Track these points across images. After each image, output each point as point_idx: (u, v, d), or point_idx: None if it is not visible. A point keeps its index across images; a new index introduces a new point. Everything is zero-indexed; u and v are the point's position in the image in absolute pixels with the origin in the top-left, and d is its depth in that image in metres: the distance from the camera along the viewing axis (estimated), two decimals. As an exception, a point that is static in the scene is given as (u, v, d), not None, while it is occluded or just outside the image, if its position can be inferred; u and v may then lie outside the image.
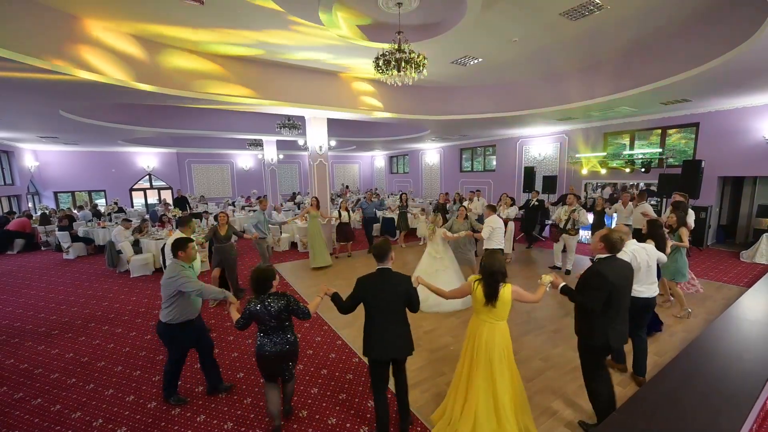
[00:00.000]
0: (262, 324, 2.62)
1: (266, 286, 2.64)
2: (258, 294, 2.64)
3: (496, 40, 6.11)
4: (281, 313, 2.61)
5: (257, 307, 2.60)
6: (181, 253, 3.07)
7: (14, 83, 5.39)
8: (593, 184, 10.76)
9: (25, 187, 13.44)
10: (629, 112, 8.62)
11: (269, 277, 2.66)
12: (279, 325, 2.63)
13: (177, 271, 2.96)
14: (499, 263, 2.45)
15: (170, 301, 2.97)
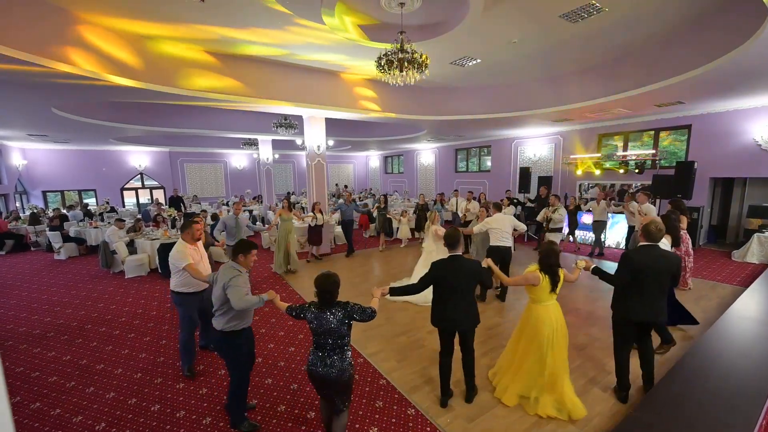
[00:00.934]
0: (315, 335, 2.32)
1: (330, 296, 2.28)
2: (321, 303, 2.31)
3: (495, 42, 6.15)
4: (341, 326, 2.26)
5: (313, 317, 2.28)
6: (242, 257, 2.76)
7: (5, 79, 5.26)
8: (586, 184, 10.89)
9: (13, 186, 13.10)
10: (623, 113, 8.75)
11: (336, 283, 2.29)
12: (334, 344, 2.27)
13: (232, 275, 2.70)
14: (555, 254, 2.86)
15: (226, 306, 2.70)
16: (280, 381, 3.50)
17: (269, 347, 4.18)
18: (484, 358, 3.77)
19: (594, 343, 4.15)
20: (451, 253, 2.95)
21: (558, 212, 6.94)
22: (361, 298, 4.67)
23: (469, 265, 2.90)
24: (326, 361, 2.26)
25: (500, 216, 5.42)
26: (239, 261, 2.75)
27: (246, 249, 2.76)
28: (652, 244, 2.88)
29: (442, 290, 2.90)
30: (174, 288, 3.51)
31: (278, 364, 3.82)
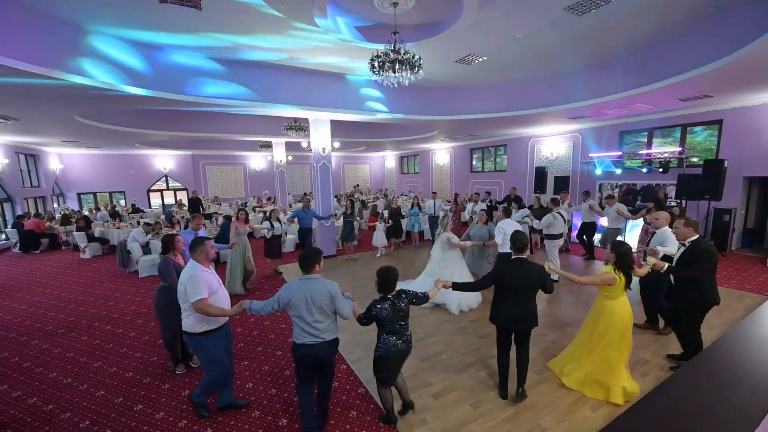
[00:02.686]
0: (389, 324, 2.66)
1: (394, 285, 2.71)
2: (386, 291, 2.69)
3: (499, 38, 5.92)
4: (408, 308, 2.74)
5: (386, 307, 2.64)
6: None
7: (26, 92, 5.63)
8: (612, 184, 10.26)
9: (50, 189, 14.10)
10: (644, 109, 8.19)
11: (396, 275, 2.72)
12: (405, 324, 2.74)
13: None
14: (631, 255, 3.10)
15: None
16: (260, 385, 3.52)
17: (257, 350, 4.22)
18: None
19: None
20: (517, 256, 3.09)
21: (553, 214, 6.41)
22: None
23: (534, 269, 3.03)
24: (404, 339, 2.72)
25: (510, 221, 5.20)
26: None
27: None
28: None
29: (504, 290, 3.06)
30: (189, 329, 2.83)
31: (263, 368, 3.84)
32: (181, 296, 2.79)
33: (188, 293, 2.70)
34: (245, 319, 5.08)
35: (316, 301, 2.56)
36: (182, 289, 2.75)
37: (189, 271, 2.78)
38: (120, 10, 4.77)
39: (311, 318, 2.57)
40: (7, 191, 11.45)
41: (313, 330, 2.59)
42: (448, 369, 3.71)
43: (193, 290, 2.69)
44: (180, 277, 2.84)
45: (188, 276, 2.75)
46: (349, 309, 2.69)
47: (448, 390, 3.38)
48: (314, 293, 2.57)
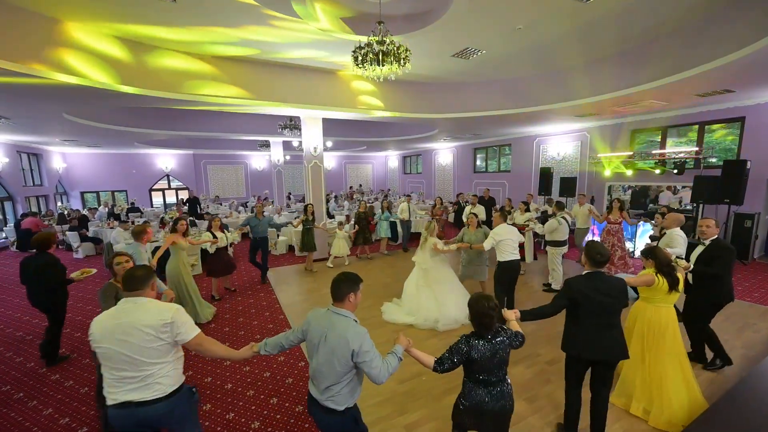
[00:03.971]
0: (481, 371, 2.03)
1: (491, 322, 2.01)
2: (483, 331, 2.03)
3: (497, 29, 5.50)
4: (507, 353, 2.07)
5: (486, 347, 1.99)
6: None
7: (9, 88, 5.45)
8: (623, 186, 9.68)
9: (53, 188, 14.17)
10: (657, 105, 7.64)
11: (493, 308, 2.01)
12: (503, 373, 2.09)
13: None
14: (669, 258, 2.94)
15: None
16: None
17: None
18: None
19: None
20: (595, 269, 2.56)
21: (557, 219, 5.97)
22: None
23: (617, 284, 2.54)
24: (502, 395, 2.07)
25: (506, 226, 4.74)
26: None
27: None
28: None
29: (583, 311, 2.50)
30: (170, 387, 1.94)
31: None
32: (150, 341, 1.83)
33: (181, 330, 1.90)
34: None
35: (329, 343, 1.89)
36: (159, 331, 1.85)
37: (161, 306, 1.96)
38: (97, 4, 4.53)
39: (316, 362, 1.95)
40: (8, 190, 11.49)
41: (315, 382, 1.98)
42: (428, 394, 3.33)
43: (186, 322, 1.93)
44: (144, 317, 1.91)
45: (171, 308, 1.94)
46: (385, 372, 1.91)
47: (424, 420, 3.00)
48: (333, 333, 1.91)
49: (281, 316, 5.26)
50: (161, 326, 1.83)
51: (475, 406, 2.04)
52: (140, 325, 1.81)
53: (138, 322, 1.81)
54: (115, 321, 1.83)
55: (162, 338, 1.84)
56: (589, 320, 2.49)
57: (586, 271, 2.58)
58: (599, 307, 2.46)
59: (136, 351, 1.79)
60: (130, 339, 1.79)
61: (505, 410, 2.08)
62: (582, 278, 2.56)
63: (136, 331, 1.80)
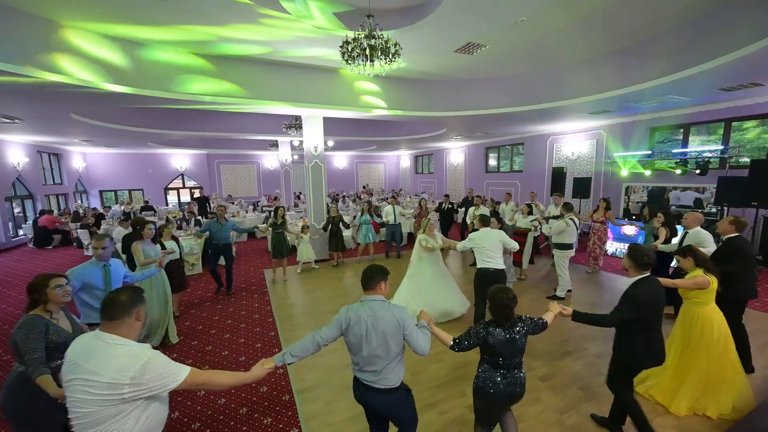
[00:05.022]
0: (499, 356, 2.17)
1: (512, 312, 2.17)
2: (502, 320, 2.18)
3: (498, 22, 5.22)
4: (524, 341, 2.20)
5: (503, 335, 2.14)
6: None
7: (16, 90, 5.59)
8: (645, 187, 9.09)
9: (73, 187, 14.73)
10: (678, 101, 7.11)
11: (516, 298, 2.18)
12: (519, 361, 2.23)
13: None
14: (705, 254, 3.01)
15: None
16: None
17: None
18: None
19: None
20: (645, 273, 2.49)
21: (565, 220, 5.64)
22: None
23: (661, 285, 2.54)
24: (515, 380, 2.20)
25: (486, 231, 4.42)
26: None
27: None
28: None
29: (647, 320, 2.43)
30: None
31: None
32: (121, 391, 1.41)
33: (163, 378, 1.48)
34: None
35: (378, 327, 2.00)
36: (136, 380, 1.42)
37: (134, 351, 1.50)
38: (88, 3, 4.56)
39: (368, 350, 2.02)
40: (28, 188, 11.99)
41: (369, 369, 2.06)
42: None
43: (169, 370, 1.52)
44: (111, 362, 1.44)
45: (141, 357, 1.47)
46: (427, 342, 2.08)
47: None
48: (378, 318, 2.02)
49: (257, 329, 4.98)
50: (120, 383, 1.39)
51: (483, 385, 2.19)
52: (92, 377, 1.40)
53: (93, 369, 1.41)
54: (78, 357, 1.47)
55: (121, 396, 1.40)
56: (651, 329, 2.44)
57: (637, 277, 2.48)
58: (658, 312, 2.44)
59: (89, 404, 1.40)
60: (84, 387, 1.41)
61: (515, 395, 2.21)
62: (642, 285, 2.44)
63: (89, 381, 1.41)
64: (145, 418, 1.48)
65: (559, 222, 5.61)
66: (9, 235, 10.90)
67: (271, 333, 4.70)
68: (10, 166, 10.97)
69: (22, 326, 2.01)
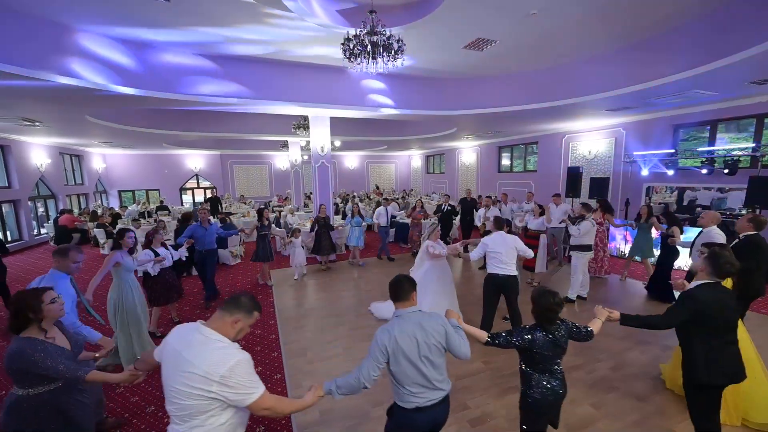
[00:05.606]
0: (542, 362, 2.10)
1: (555, 317, 2.09)
2: (546, 324, 2.10)
3: (509, 16, 5.01)
4: (566, 345, 2.14)
5: (546, 341, 2.06)
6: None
7: (30, 93, 5.73)
8: (670, 188, 8.63)
9: (93, 187, 15.21)
10: (704, 97, 6.68)
11: (559, 303, 2.06)
12: (559, 364, 2.17)
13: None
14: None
15: None
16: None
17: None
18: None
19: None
20: (716, 280, 2.28)
21: (590, 221, 5.41)
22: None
23: (733, 294, 2.35)
24: (560, 379, 2.13)
25: (500, 235, 4.22)
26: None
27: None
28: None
29: (710, 329, 2.21)
30: None
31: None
32: (195, 401, 1.46)
33: (244, 387, 1.51)
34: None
35: (431, 340, 1.86)
36: (224, 379, 1.46)
37: (228, 349, 1.55)
38: (95, 6, 4.61)
39: (428, 367, 1.86)
40: (51, 189, 12.43)
41: (431, 384, 1.88)
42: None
43: (251, 380, 1.54)
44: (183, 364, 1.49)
45: (233, 356, 1.52)
46: (468, 344, 2.00)
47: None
48: (426, 331, 1.87)
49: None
50: (211, 380, 1.45)
51: (543, 396, 2.07)
52: (189, 367, 1.46)
53: (191, 360, 1.47)
54: (179, 345, 1.54)
55: (210, 393, 1.46)
56: (717, 339, 2.21)
57: (705, 281, 2.27)
58: (727, 322, 2.24)
59: (185, 396, 1.46)
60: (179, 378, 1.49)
61: (565, 393, 2.14)
62: (707, 289, 2.23)
63: (186, 373, 1.47)
64: (236, 417, 1.58)
65: (585, 222, 5.36)
66: (32, 233, 11.33)
67: (272, 335, 4.64)
68: (34, 167, 11.39)
69: (22, 353, 1.83)
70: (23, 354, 1.84)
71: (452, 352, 1.94)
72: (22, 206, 10.76)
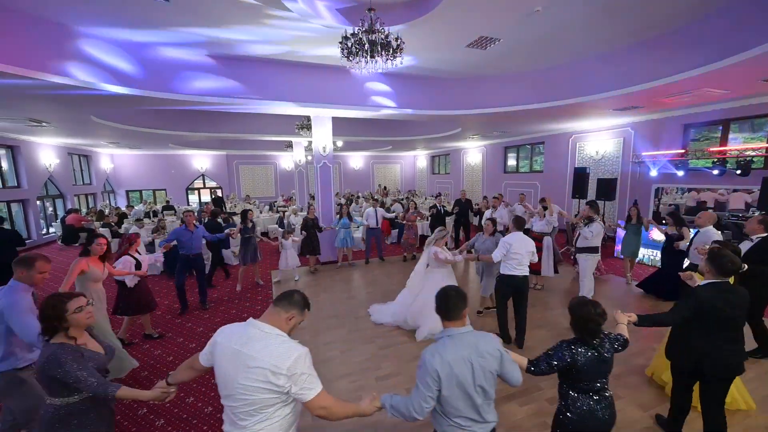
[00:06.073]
0: (586, 380, 1.88)
1: (597, 328, 1.89)
2: (588, 338, 1.89)
3: (512, 13, 4.90)
4: (612, 360, 1.94)
5: (586, 353, 1.87)
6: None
7: (30, 92, 5.80)
8: (681, 189, 8.41)
9: (101, 186, 15.42)
10: (716, 95, 6.49)
11: (601, 314, 1.88)
12: (605, 382, 1.95)
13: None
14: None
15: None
16: (175, 423, 3.02)
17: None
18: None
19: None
20: (722, 279, 2.38)
21: (600, 222, 5.29)
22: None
23: (745, 294, 2.39)
24: (606, 403, 1.92)
25: (521, 236, 4.13)
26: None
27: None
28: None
29: (709, 324, 2.35)
30: None
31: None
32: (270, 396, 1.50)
33: (308, 380, 1.55)
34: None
35: (486, 366, 1.65)
36: (290, 371, 1.49)
37: (290, 342, 1.59)
38: (93, 6, 4.62)
39: (481, 397, 1.66)
40: (59, 188, 12.62)
41: (481, 417, 1.67)
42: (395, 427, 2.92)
43: (313, 374, 1.58)
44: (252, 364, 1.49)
45: (296, 349, 1.56)
46: (519, 369, 1.82)
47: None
48: (482, 354, 1.66)
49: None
50: (279, 373, 1.47)
51: (585, 418, 1.87)
52: (253, 363, 1.48)
53: (254, 356, 1.49)
54: (236, 343, 1.54)
55: (278, 387, 1.47)
56: (715, 334, 2.34)
57: (710, 280, 2.38)
58: (728, 319, 2.31)
59: (252, 390, 1.48)
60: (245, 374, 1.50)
61: (612, 421, 1.92)
62: (711, 288, 2.34)
63: (251, 369, 1.49)
64: (293, 413, 1.61)
65: (595, 224, 5.25)
66: (41, 232, 11.51)
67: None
68: (42, 168, 11.58)
69: (54, 360, 1.74)
70: (56, 361, 1.75)
71: (505, 377, 1.75)
72: (30, 206, 10.93)
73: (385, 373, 3.73)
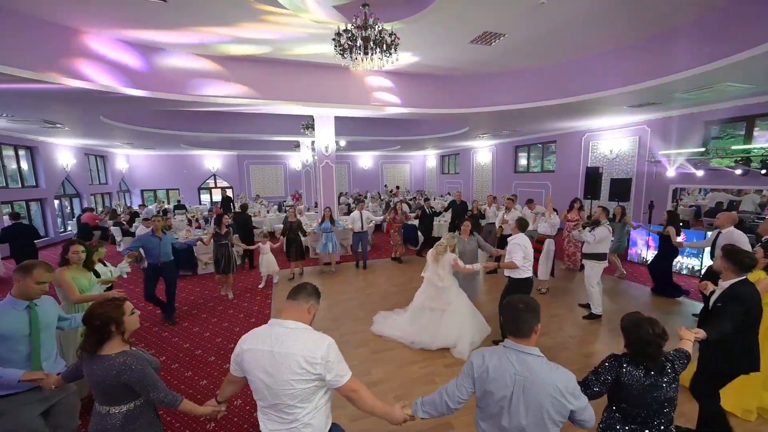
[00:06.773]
0: (636, 407, 1.63)
1: (658, 352, 1.63)
2: (645, 362, 1.64)
3: (516, 7, 4.72)
4: (675, 386, 1.66)
5: (639, 377, 1.62)
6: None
7: (39, 94, 5.96)
8: (704, 189, 7.99)
9: (117, 186, 15.85)
10: (739, 90, 6.10)
11: (661, 336, 1.63)
12: (668, 418, 1.68)
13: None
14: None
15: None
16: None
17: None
18: None
19: None
20: (744, 275, 2.38)
21: (607, 226, 5.00)
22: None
23: (756, 290, 2.43)
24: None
25: (525, 237, 3.98)
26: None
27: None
28: None
29: (749, 323, 2.36)
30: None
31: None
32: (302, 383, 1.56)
33: (340, 367, 1.62)
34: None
35: (531, 394, 1.44)
36: (325, 359, 1.56)
37: (317, 334, 1.65)
38: (94, 6, 4.68)
39: (510, 422, 1.48)
40: (76, 188, 13.02)
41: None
42: None
43: (343, 360, 1.64)
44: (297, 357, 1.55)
45: (325, 339, 1.63)
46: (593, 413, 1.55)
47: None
48: (533, 381, 1.45)
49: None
50: (314, 362, 1.54)
51: None
52: (290, 359, 1.54)
53: (288, 352, 1.55)
54: (270, 346, 1.57)
55: (317, 374, 1.55)
56: (752, 332, 2.39)
57: (735, 279, 2.36)
58: (760, 314, 2.37)
59: (293, 384, 1.54)
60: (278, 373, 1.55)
61: None
62: (744, 285, 2.36)
63: (289, 364, 1.55)
64: (329, 399, 1.70)
65: (600, 228, 4.93)
66: (58, 230, 11.89)
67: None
68: (60, 168, 11.95)
69: (128, 367, 1.69)
70: (132, 368, 1.70)
71: (575, 420, 1.51)
72: (48, 205, 11.30)
73: (375, 379, 3.61)
